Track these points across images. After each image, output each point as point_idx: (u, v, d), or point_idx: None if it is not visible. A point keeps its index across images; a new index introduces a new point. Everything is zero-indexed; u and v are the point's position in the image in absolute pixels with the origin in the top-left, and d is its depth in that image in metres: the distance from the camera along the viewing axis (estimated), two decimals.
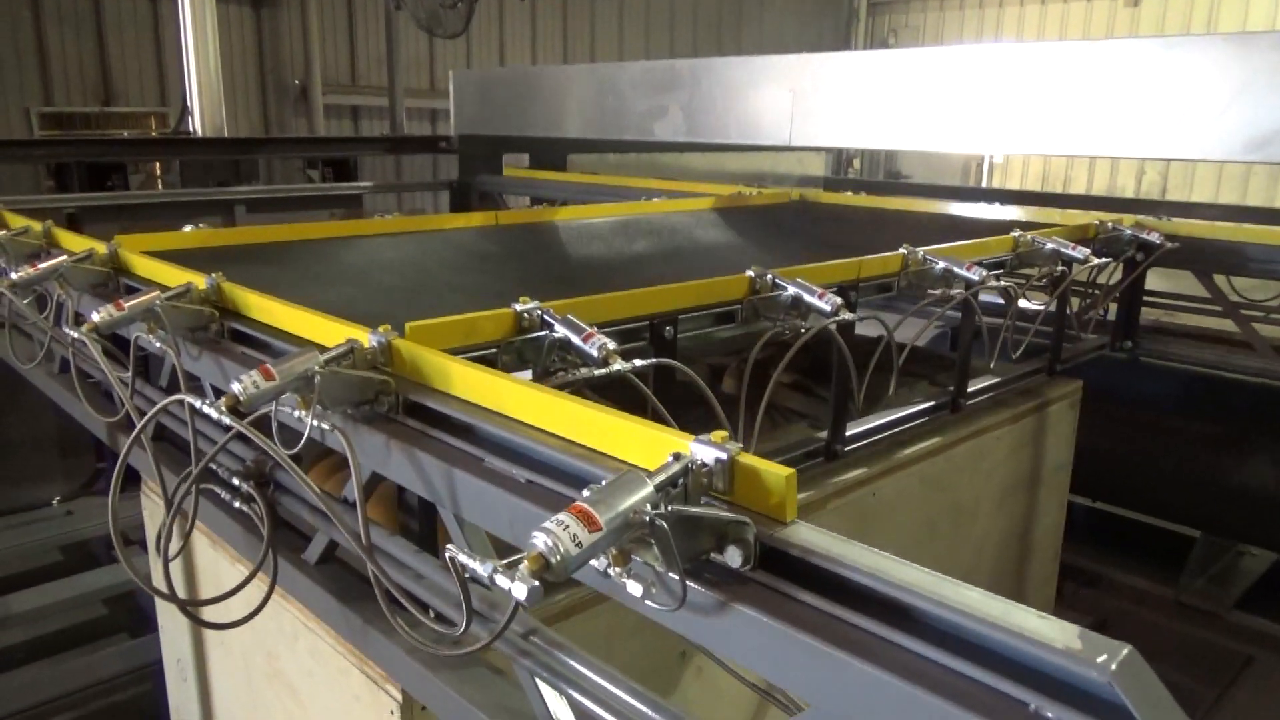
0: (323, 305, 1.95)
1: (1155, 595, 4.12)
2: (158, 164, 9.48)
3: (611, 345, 1.62)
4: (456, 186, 5.86)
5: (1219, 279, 3.56)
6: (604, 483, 0.97)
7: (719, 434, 1.05)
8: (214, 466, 1.81)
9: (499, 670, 1.43)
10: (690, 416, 2.04)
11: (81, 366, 2.38)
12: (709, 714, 2.26)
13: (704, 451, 1.04)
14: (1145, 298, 3.66)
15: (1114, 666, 0.76)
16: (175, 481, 1.75)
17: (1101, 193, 14.79)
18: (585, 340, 1.63)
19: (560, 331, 1.66)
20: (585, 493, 0.97)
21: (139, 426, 1.39)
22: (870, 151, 18.29)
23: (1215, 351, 3.56)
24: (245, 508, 1.76)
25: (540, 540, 0.89)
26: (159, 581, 1.76)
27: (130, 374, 2.03)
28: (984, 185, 16.23)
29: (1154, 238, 3.26)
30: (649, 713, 1.15)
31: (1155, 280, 3.64)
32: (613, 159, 6.22)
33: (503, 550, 1.46)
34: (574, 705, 1.25)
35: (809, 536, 0.98)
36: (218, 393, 1.93)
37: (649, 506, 0.94)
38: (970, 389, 2.84)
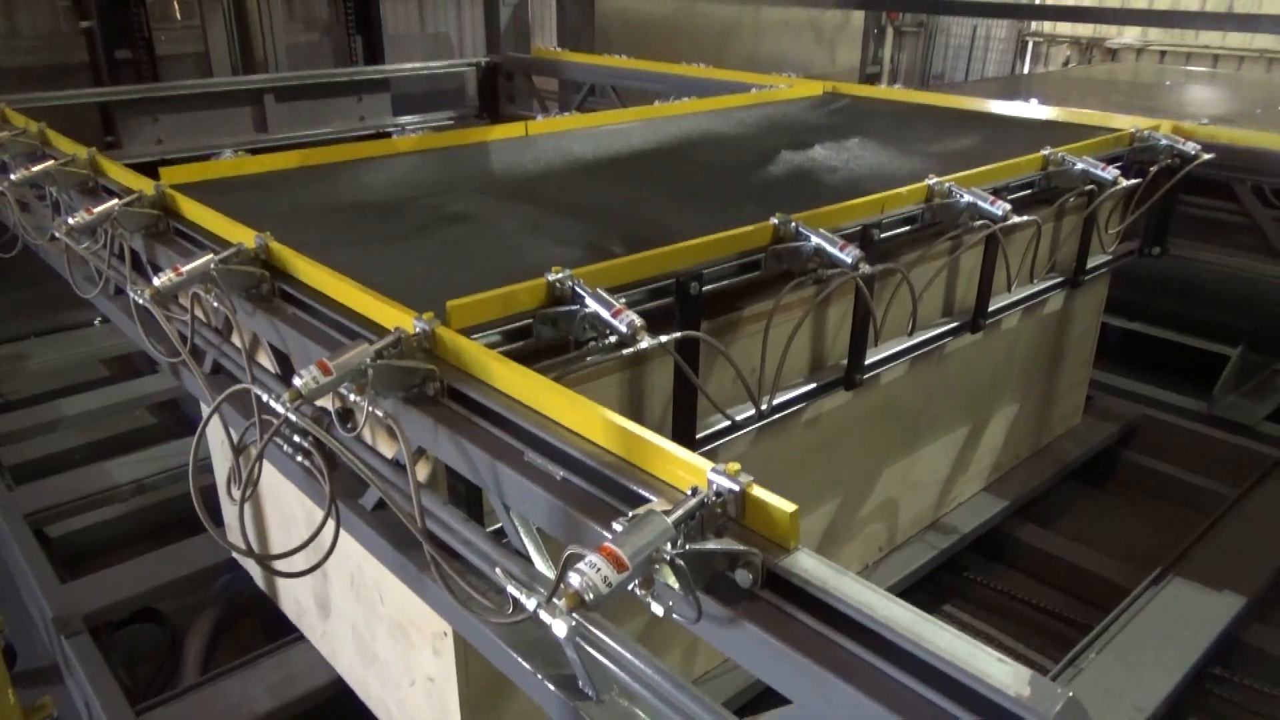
0: (363, 263, 2.06)
1: (1186, 409, 4.02)
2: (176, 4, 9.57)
3: (639, 322, 1.72)
4: (485, 66, 5.78)
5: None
6: (630, 517, 1.11)
7: (733, 466, 1.18)
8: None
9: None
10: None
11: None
12: None
13: (719, 481, 1.17)
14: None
15: (1055, 710, 0.91)
16: (243, 426, 1.92)
17: (1166, 5, 13.78)
18: (615, 316, 1.73)
19: (591, 306, 1.76)
20: (615, 526, 1.11)
21: (205, 417, 1.54)
22: None
23: (1249, 258, 3.53)
24: (306, 462, 1.93)
25: (576, 581, 1.04)
26: (235, 536, 1.96)
27: (189, 325, 2.17)
28: None
29: (1189, 147, 3.22)
30: (685, 700, 1.32)
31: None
32: None
33: None
34: (614, 678, 1.43)
35: (808, 565, 1.12)
36: (275, 352, 2.08)
37: (669, 546, 1.08)
38: (990, 309, 2.91)
